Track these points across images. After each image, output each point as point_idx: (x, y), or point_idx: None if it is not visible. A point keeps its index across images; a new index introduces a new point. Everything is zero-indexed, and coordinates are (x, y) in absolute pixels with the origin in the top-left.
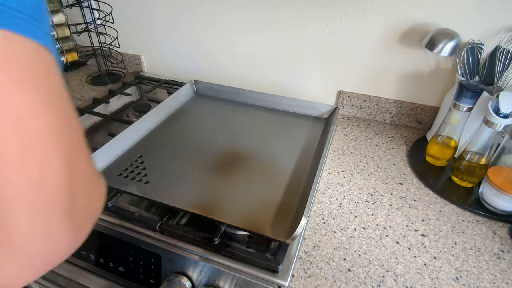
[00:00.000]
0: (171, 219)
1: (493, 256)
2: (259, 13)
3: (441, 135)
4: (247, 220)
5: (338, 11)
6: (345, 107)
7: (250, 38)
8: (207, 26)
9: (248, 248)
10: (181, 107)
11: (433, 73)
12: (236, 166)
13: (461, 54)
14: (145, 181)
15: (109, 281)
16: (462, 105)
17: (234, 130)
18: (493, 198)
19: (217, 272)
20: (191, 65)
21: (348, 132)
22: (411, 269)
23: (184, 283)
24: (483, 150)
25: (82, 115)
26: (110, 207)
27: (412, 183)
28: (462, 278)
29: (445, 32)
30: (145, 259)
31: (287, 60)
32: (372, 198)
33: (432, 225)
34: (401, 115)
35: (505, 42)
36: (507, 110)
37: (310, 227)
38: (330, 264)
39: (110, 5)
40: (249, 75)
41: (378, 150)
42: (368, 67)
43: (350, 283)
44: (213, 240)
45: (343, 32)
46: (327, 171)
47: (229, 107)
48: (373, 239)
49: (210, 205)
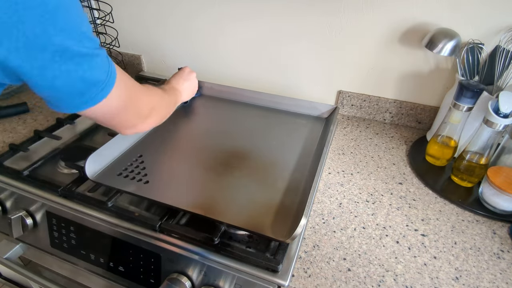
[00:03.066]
0: (171, 219)
1: (493, 256)
2: (259, 13)
3: (441, 135)
4: (247, 219)
5: (338, 10)
6: (345, 107)
7: (249, 38)
8: (207, 26)
9: (248, 248)
10: (181, 107)
11: (433, 73)
12: (236, 165)
13: (461, 54)
14: (145, 181)
15: (109, 280)
16: (462, 105)
17: (234, 130)
18: (493, 198)
19: (217, 272)
20: (191, 65)
21: (348, 132)
22: (411, 269)
23: (184, 282)
24: (483, 150)
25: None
26: (110, 207)
27: (412, 183)
28: (462, 277)
29: (445, 32)
30: (145, 258)
31: (287, 60)
32: (372, 198)
33: (432, 224)
34: (401, 115)
35: (505, 42)
36: (507, 110)
37: (310, 227)
38: (330, 263)
39: (110, 5)
40: (249, 75)
41: (378, 150)
42: (368, 67)
43: (350, 283)
44: (213, 240)
45: (343, 32)
46: (327, 171)
47: (229, 107)
48: (373, 239)
49: (210, 205)
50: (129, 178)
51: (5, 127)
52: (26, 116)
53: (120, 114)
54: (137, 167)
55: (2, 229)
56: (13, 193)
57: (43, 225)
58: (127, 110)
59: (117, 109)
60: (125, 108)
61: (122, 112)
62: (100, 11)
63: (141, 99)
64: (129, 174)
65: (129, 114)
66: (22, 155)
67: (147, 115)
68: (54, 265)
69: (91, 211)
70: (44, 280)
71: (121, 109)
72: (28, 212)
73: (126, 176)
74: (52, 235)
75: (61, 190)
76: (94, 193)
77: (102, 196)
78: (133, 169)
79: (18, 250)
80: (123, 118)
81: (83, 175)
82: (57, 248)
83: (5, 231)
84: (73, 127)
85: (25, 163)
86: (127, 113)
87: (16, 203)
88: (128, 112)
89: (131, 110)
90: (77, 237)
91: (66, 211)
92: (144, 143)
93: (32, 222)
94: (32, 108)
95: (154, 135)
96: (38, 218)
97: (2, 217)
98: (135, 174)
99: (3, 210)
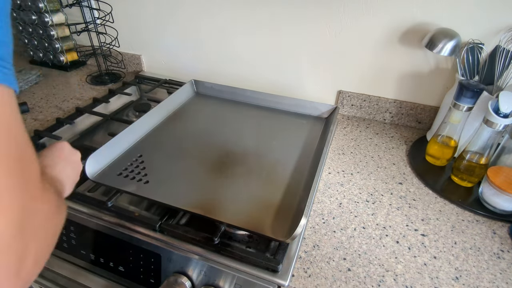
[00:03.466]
0: (171, 219)
1: (493, 255)
2: (259, 12)
3: (441, 135)
4: (247, 219)
5: (338, 10)
6: (345, 107)
7: (249, 37)
8: (207, 26)
9: (248, 247)
10: (181, 107)
11: (433, 72)
12: (236, 165)
13: (461, 53)
14: (145, 181)
15: (109, 280)
16: (462, 105)
17: (234, 130)
18: (493, 197)
19: (217, 272)
20: (191, 65)
21: (348, 132)
22: (411, 269)
23: (184, 282)
24: (483, 150)
25: (82, 114)
26: (110, 207)
27: (412, 182)
28: (462, 277)
29: (445, 32)
30: (145, 258)
31: (287, 60)
32: (372, 198)
33: (432, 224)
34: (401, 114)
35: (505, 42)
36: (507, 110)
37: (310, 227)
38: (330, 263)
39: (110, 5)
40: (249, 74)
41: (378, 149)
42: (368, 67)
43: (350, 283)
44: (213, 240)
45: (343, 32)
46: (327, 170)
47: (229, 107)
48: (373, 239)
49: (210, 205)
50: (129, 178)
51: None
52: (26, 116)
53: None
54: (137, 167)
55: None
56: None
57: None
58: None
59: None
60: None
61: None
62: (100, 11)
63: None
64: (129, 174)
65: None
66: None
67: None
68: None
69: (91, 211)
70: (44, 280)
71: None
72: None
73: (126, 176)
74: None
75: None
76: (94, 193)
77: (102, 196)
78: (133, 169)
79: None
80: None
81: (83, 175)
82: (57, 248)
83: None
84: (73, 127)
85: None
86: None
87: None
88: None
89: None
90: (77, 237)
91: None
92: (144, 143)
93: None
94: (32, 108)
95: (154, 135)
96: None
97: None
98: (135, 174)
99: None
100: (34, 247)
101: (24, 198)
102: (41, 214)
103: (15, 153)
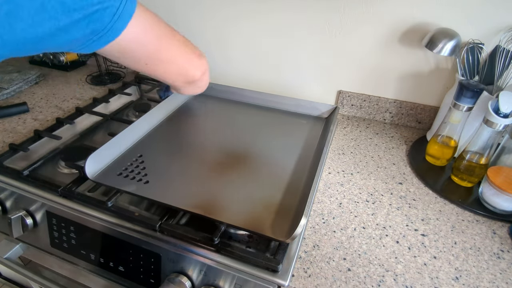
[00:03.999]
0: (171, 219)
1: (493, 255)
2: (259, 12)
3: (441, 135)
4: (247, 219)
5: (338, 10)
6: (345, 107)
7: (249, 37)
8: (206, 26)
9: (248, 247)
10: (181, 107)
11: (433, 72)
12: (236, 165)
13: (461, 53)
14: (145, 180)
15: (109, 280)
16: (462, 105)
17: (234, 130)
18: (493, 197)
19: (217, 272)
20: None
21: (348, 132)
22: (411, 269)
23: (184, 282)
24: (483, 150)
25: (81, 114)
26: (110, 207)
27: (412, 182)
28: (462, 277)
29: (445, 32)
30: (145, 258)
31: (287, 60)
32: (372, 198)
33: (432, 224)
34: (401, 114)
35: (505, 42)
36: (507, 110)
37: (310, 227)
38: (330, 263)
39: None
40: (249, 74)
41: (378, 149)
42: (368, 67)
43: (350, 283)
44: (213, 240)
45: (343, 32)
46: (327, 170)
47: (229, 107)
48: (373, 239)
49: (210, 205)
50: (129, 178)
51: (5, 127)
52: (26, 116)
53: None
54: (137, 167)
55: (2, 229)
56: (13, 193)
57: (43, 225)
58: None
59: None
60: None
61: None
62: None
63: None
64: (129, 174)
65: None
66: (22, 155)
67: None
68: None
69: (91, 211)
70: (44, 280)
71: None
72: (28, 212)
73: (126, 176)
74: (52, 235)
75: (61, 190)
76: (94, 193)
77: (102, 196)
78: (133, 169)
79: (18, 250)
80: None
81: (83, 175)
82: (57, 248)
83: (5, 231)
84: (73, 127)
85: (25, 163)
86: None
87: (16, 203)
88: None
89: None
90: (77, 237)
91: (66, 211)
92: (144, 143)
93: (32, 222)
94: (32, 108)
95: (154, 135)
96: (38, 218)
97: (2, 217)
98: (135, 174)
99: (3, 210)
100: (206, 74)
101: (201, 55)
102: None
103: (179, 34)
